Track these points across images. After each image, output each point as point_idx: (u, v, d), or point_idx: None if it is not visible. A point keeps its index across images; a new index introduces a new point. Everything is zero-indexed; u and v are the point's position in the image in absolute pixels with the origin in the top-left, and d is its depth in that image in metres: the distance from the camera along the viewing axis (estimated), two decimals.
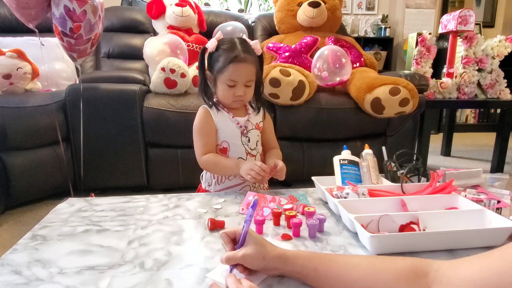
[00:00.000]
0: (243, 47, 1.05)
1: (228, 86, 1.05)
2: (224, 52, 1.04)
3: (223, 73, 1.04)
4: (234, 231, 0.63)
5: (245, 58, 1.03)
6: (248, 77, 1.06)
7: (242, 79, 1.05)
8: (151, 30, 2.58)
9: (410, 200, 0.84)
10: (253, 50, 1.07)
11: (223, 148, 1.12)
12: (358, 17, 4.44)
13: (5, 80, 1.87)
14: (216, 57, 1.05)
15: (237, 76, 1.04)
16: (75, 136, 1.83)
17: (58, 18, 1.58)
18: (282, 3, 2.47)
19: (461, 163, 2.81)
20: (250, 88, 1.08)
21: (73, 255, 0.69)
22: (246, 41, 1.08)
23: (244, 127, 1.12)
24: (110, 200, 0.99)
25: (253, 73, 1.07)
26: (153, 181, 1.97)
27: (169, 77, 1.88)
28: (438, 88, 2.40)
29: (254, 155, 1.14)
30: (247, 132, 1.13)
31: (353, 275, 0.54)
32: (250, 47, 1.06)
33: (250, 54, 1.05)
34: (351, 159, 1.02)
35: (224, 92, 1.07)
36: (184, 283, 0.59)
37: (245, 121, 1.12)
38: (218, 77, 1.06)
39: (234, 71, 1.03)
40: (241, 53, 1.03)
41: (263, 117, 1.19)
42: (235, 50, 1.03)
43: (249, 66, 1.05)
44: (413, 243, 0.69)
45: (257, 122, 1.16)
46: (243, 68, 1.04)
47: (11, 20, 2.32)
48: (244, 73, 1.04)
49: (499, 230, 0.71)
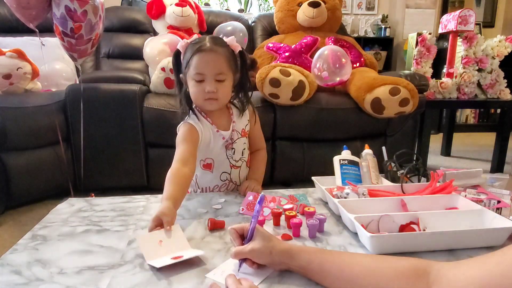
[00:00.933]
0: (213, 40, 0.97)
1: (196, 82, 0.96)
2: (190, 47, 0.98)
3: (189, 67, 0.96)
4: (242, 227, 0.65)
5: (211, 48, 0.95)
6: (217, 69, 0.96)
7: (210, 71, 0.95)
8: (151, 30, 2.58)
9: (410, 200, 0.84)
10: (226, 45, 1.00)
11: (207, 164, 1.07)
12: (358, 17, 4.44)
13: (5, 80, 1.87)
14: (185, 55, 0.99)
15: (202, 68, 0.95)
16: (75, 136, 1.83)
17: (59, 18, 1.58)
18: (282, 3, 2.47)
19: (461, 163, 2.81)
20: (223, 85, 0.98)
21: (73, 255, 0.69)
22: (219, 37, 1.01)
23: (230, 139, 1.06)
24: (110, 200, 0.99)
25: (224, 66, 0.97)
26: (153, 181, 1.97)
27: (169, 77, 1.88)
28: (438, 88, 2.40)
29: (238, 166, 1.09)
30: (233, 143, 1.07)
31: (356, 269, 0.56)
32: (222, 42, 0.99)
33: (220, 46, 0.97)
34: (351, 159, 1.02)
35: (194, 89, 0.98)
36: (184, 283, 0.60)
37: (229, 134, 1.06)
38: (186, 74, 0.99)
39: (198, 61, 0.94)
40: (207, 43, 0.95)
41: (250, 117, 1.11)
42: (201, 42, 0.97)
43: (215, 56, 0.95)
44: (413, 243, 0.69)
45: (243, 128, 1.09)
46: (208, 58, 0.95)
47: (11, 20, 2.32)
48: (210, 64, 0.95)
49: (499, 230, 0.71)
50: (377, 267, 0.55)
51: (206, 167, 1.08)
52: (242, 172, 1.12)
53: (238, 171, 1.10)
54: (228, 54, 0.99)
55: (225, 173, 1.09)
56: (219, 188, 1.10)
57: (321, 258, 0.59)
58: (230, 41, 1.01)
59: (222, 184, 1.10)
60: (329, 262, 0.58)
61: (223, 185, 1.10)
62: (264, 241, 0.61)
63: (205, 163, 1.08)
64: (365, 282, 0.54)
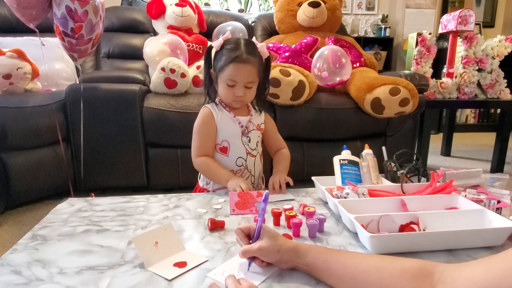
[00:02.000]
0: (247, 48, 1.04)
1: (228, 86, 1.05)
2: (227, 52, 1.04)
3: (224, 72, 1.04)
4: (249, 227, 0.66)
5: (247, 59, 1.03)
6: (249, 78, 1.05)
7: (242, 80, 1.04)
8: (151, 30, 2.58)
9: (410, 200, 0.84)
10: (258, 53, 1.06)
11: (223, 147, 1.12)
12: (358, 17, 4.44)
13: (5, 80, 1.87)
14: (219, 56, 1.06)
15: (236, 76, 1.04)
16: (75, 136, 1.83)
17: (59, 18, 1.58)
18: (282, 3, 2.47)
19: (461, 163, 2.81)
20: (251, 89, 1.08)
21: (73, 255, 0.69)
22: (253, 43, 1.08)
23: (245, 127, 1.12)
24: (110, 200, 0.99)
25: (255, 75, 1.06)
26: (153, 181, 1.97)
27: (169, 77, 1.88)
28: (438, 88, 2.40)
29: (254, 155, 1.15)
30: (248, 132, 1.13)
31: (360, 267, 0.56)
32: (255, 49, 1.06)
33: (254, 56, 1.05)
34: (351, 159, 1.02)
35: (224, 91, 1.07)
36: (184, 283, 0.60)
37: (246, 121, 1.13)
38: (219, 75, 1.06)
39: (234, 71, 1.03)
40: (244, 53, 1.03)
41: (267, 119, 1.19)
42: (238, 50, 1.03)
43: (250, 67, 1.04)
44: (413, 243, 0.69)
45: (259, 124, 1.16)
46: (243, 69, 1.03)
47: (11, 20, 2.32)
48: (245, 74, 1.04)
49: (499, 230, 0.71)
50: (382, 265, 0.55)
51: (222, 151, 1.12)
52: (257, 162, 1.17)
53: (254, 160, 1.15)
54: (259, 64, 1.07)
55: (240, 158, 1.13)
56: (235, 174, 1.12)
57: (326, 256, 0.59)
58: (261, 48, 1.08)
59: (238, 170, 1.13)
60: (334, 260, 0.58)
61: (238, 170, 1.13)
62: (272, 240, 0.61)
63: (221, 146, 1.12)
64: (369, 279, 0.54)
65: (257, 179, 1.19)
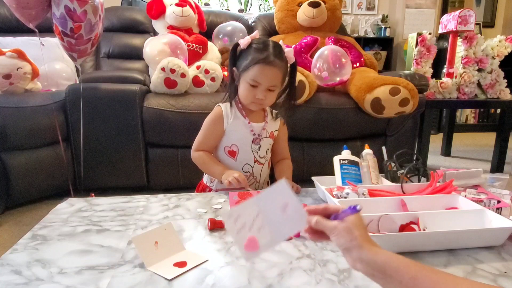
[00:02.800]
0: (275, 51, 1.01)
1: (250, 86, 1.02)
2: (254, 51, 1.01)
3: (248, 71, 1.01)
4: (338, 209, 0.58)
5: (273, 62, 1.00)
6: (272, 82, 1.02)
7: (266, 83, 1.01)
8: (151, 30, 2.58)
9: (410, 200, 0.84)
10: (285, 57, 1.04)
11: (232, 150, 1.11)
12: (358, 17, 4.44)
13: (5, 80, 1.87)
14: (245, 55, 1.03)
15: (260, 78, 1.00)
16: (75, 136, 1.83)
17: (58, 18, 1.58)
18: (282, 3, 2.47)
19: (461, 163, 2.81)
20: (272, 93, 1.05)
21: (73, 255, 0.69)
22: (281, 46, 1.05)
23: (258, 135, 1.11)
24: (110, 200, 0.99)
25: (279, 79, 1.04)
26: (153, 181, 1.97)
27: (169, 77, 1.88)
28: (438, 88, 2.40)
29: (262, 163, 1.14)
30: (260, 141, 1.11)
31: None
32: (283, 53, 1.03)
33: (281, 59, 1.02)
34: (351, 159, 1.02)
35: (245, 91, 1.04)
36: (184, 283, 0.60)
37: (260, 129, 1.11)
38: (242, 74, 1.04)
39: (259, 72, 1.00)
40: (271, 56, 1.00)
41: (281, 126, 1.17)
42: (266, 51, 1.00)
43: (275, 71, 1.01)
44: (413, 243, 0.69)
45: (272, 131, 1.14)
46: (269, 71, 1.00)
47: (11, 20, 2.32)
48: (269, 76, 1.01)
49: (499, 230, 0.71)
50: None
51: (231, 154, 1.11)
52: (264, 170, 1.16)
53: (261, 168, 1.14)
54: (284, 68, 1.04)
55: (247, 165, 1.12)
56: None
57: (416, 272, 0.50)
58: (288, 53, 1.05)
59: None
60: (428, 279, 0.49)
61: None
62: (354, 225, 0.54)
63: (230, 149, 1.11)
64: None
65: (261, 184, 1.18)
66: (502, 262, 0.66)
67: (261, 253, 0.54)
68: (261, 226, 0.53)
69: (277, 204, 0.54)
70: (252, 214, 0.53)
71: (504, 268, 0.64)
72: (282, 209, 0.53)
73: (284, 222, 0.54)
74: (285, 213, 0.53)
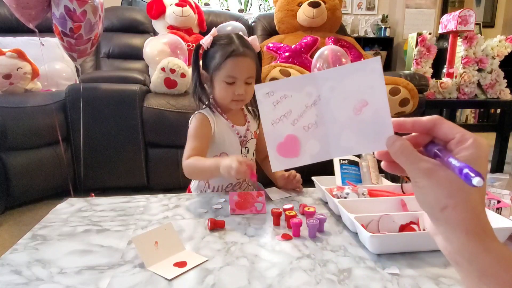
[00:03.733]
0: (241, 42, 0.98)
1: (227, 84, 0.97)
2: (221, 48, 0.97)
3: (221, 69, 0.97)
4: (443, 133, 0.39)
5: (244, 52, 0.96)
6: (249, 73, 0.98)
7: (242, 75, 0.97)
8: (151, 30, 2.58)
9: (410, 200, 0.84)
10: (251, 46, 1.01)
11: None
12: (358, 17, 4.45)
13: (5, 80, 1.87)
14: (212, 54, 0.99)
15: (236, 72, 0.96)
16: (75, 136, 1.83)
17: (58, 18, 1.58)
18: (282, 3, 2.47)
19: None
20: (250, 86, 1.00)
21: (73, 255, 0.69)
22: (244, 36, 1.02)
23: (244, 137, 1.07)
24: (110, 200, 0.99)
25: (253, 69, 0.99)
26: (153, 181, 1.97)
27: (169, 77, 1.88)
28: (438, 88, 2.40)
29: None
30: (247, 143, 1.08)
31: None
32: (248, 42, 1.00)
33: (249, 49, 0.99)
34: (351, 159, 1.02)
35: (222, 91, 0.99)
36: (184, 283, 0.59)
37: (244, 131, 1.07)
38: (215, 75, 0.98)
39: (232, 66, 0.96)
40: (240, 47, 0.96)
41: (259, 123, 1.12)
42: (233, 44, 0.97)
43: (248, 61, 0.98)
44: (413, 243, 0.69)
45: (255, 130, 1.11)
46: (242, 63, 0.96)
47: (11, 20, 2.32)
48: (244, 68, 0.97)
49: (499, 230, 0.71)
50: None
51: None
52: None
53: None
54: (255, 58, 1.00)
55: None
56: (233, 187, 1.08)
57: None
58: (252, 40, 1.01)
59: (236, 183, 1.09)
60: None
61: (237, 184, 1.09)
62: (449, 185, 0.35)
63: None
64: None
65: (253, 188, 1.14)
66: None
67: (300, 164, 0.38)
68: (313, 123, 0.36)
69: (351, 96, 0.35)
70: (303, 101, 0.36)
71: None
72: (356, 106, 0.35)
73: (354, 128, 0.35)
74: (360, 115, 0.35)
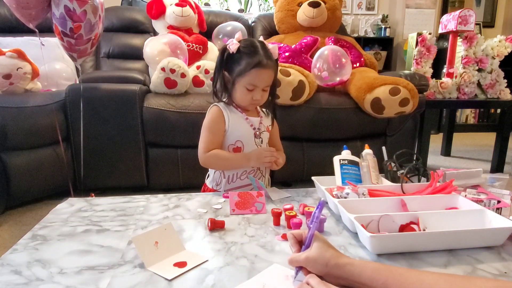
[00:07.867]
0: (265, 52, 1.04)
1: (247, 90, 1.05)
2: (246, 56, 1.03)
3: (244, 76, 1.04)
4: (301, 234, 0.63)
5: (267, 65, 1.03)
6: (268, 82, 1.07)
7: (262, 84, 1.05)
8: (151, 30, 2.58)
9: (410, 200, 0.84)
10: (272, 56, 1.07)
11: (237, 147, 1.12)
12: (358, 17, 4.44)
13: (5, 80, 1.87)
14: (237, 60, 1.04)
15: (258, 82, 1.04)
16: (75, 136, 1.83)
17: (58, 18, 1.58)
18: (282, 3, 2.47)
19: (461, 163, 2.81)
20: (266, 92, 1.09)
21: (73, 255, 0.69)
22: (266, 45, 1.07)
23: (257, 128, 1.13)
24: (110, 200, 0.99)
25: (272, 78, 1.08)
26: (153, 181, 1.97)
27: (169, 77, 1.88)
28: (438, 88, 2.40)
29: None
30: (260, 134, 1.14)
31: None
32: (270, 53, 1.06)
33: (271, 59, 1.05)
34: (351, 159, 1.02)
35: (243, 95, 1.07)
36: (184, 283, 0.60)
37: (258, 123, 1.14)
38: (237, 80, 1.05)
39: (255, 76, 1.03)
40: (264, 58, 1.03)
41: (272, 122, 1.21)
42: (258, 54, 1.03)
43: (270, 72, 1.05)
44: (413, 243, 0.69)
45: (268, 125, 1.18)
46: (264, 74, 1.04)
47: (11, 20, 2.32)
48: (265, 78, 1.05)
49: (499, 230, 0.71)
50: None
51: (236, 151, 1.12)
52: None
53: None
54: (275, 67, 1.08)
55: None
56: (247, 174, 1.13)
57: (386, 277, 0.53)
58: (272, 49, 1.07)
59: (250, 171, 1.14)
60: (397, 283, 0.52)
61: (251, 171, 1.14)
62: (321, 251, 0.57)
63: (235, 147, 1.12)
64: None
65: (267, 179, 1.20)
66: (502, 262, 0.66)
67: None
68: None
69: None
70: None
71: (504, 268, 0.64)
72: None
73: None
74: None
